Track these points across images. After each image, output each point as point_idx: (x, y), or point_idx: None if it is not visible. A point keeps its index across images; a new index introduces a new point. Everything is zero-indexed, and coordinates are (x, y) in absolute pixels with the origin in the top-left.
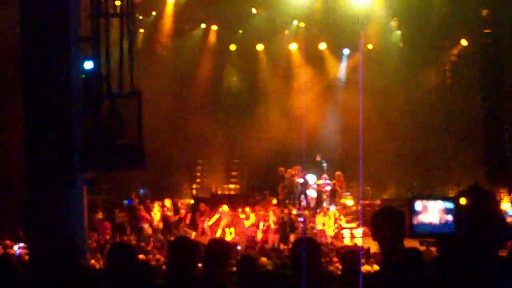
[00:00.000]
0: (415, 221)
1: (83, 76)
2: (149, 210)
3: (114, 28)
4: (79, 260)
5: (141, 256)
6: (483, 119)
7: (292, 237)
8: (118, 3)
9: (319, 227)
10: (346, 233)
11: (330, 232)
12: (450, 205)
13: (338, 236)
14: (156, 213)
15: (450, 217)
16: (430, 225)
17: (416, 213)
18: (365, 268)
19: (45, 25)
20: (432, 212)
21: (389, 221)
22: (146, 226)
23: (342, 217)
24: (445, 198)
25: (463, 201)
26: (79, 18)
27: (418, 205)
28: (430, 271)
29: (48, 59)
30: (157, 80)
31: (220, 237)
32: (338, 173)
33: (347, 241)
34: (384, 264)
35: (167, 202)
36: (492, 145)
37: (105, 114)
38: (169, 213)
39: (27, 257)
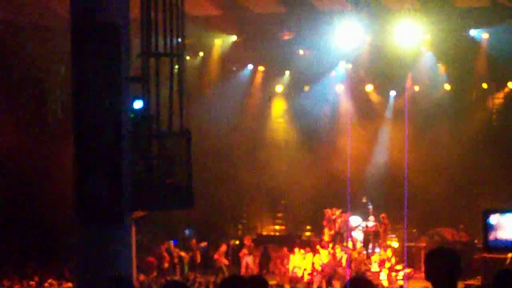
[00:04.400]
0: (490, 236)
1: (133, 115)
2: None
3: (164, 67)
4: None
5: None
6: None
7: (338, 280)
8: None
9: (373, 269)
10: (397, 274)
11: (382, 273)
12: None
13: (389, 278)
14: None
15: None
16: (505, 240)
17: (491, 227)
18: None
19: (96, 64)
20: (507, 226)
21: (443, 261)
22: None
23: (393, 259)
24: None
25: None
26: (130, 58)
27: (493, 219)
28: None
29: (99, 98)
30: (204, 120)
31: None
32: (383, 215)
33: (399, 283)
34: None
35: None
36: None
37: (154, 153)
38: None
39: None
